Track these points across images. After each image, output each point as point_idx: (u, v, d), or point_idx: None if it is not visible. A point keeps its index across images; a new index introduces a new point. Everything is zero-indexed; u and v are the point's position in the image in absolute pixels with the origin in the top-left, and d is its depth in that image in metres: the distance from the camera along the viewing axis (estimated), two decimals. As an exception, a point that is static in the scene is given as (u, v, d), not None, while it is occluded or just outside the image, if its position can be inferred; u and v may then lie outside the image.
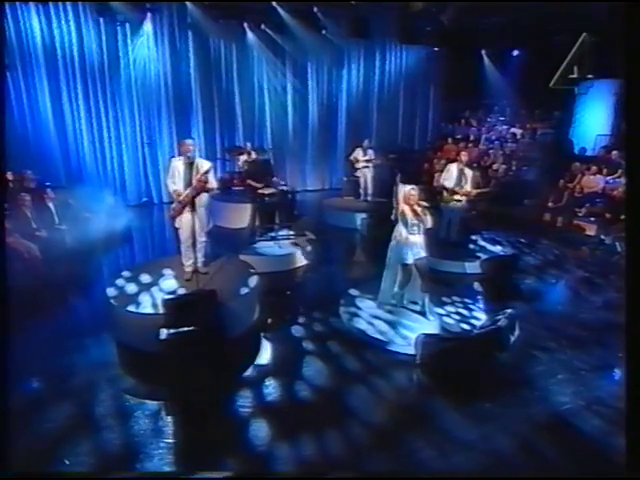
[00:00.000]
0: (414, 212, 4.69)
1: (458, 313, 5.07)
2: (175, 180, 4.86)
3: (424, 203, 4.83)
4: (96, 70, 9.41)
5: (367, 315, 4.99)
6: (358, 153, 9.55)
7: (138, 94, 10.01)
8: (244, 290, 4.86)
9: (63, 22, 8.87)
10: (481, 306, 5.36)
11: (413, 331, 4.56)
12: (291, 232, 7.29)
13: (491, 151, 11.08)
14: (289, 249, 6.83)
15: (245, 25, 10.41)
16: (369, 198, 9.52)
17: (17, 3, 8.31)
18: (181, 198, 4.81)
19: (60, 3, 8.73)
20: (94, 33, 9.17)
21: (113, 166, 10.19)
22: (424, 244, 4.82)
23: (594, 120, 10.44)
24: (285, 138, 11.93)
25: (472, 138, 11.84)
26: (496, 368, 4.10)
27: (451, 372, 3.94)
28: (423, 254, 4.83)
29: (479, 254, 6.84)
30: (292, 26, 10.75)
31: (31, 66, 8.77)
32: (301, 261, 6.79)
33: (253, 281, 5.06)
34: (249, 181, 6.69)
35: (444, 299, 5.38)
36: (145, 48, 9.69)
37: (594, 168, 9.00)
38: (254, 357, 4.34)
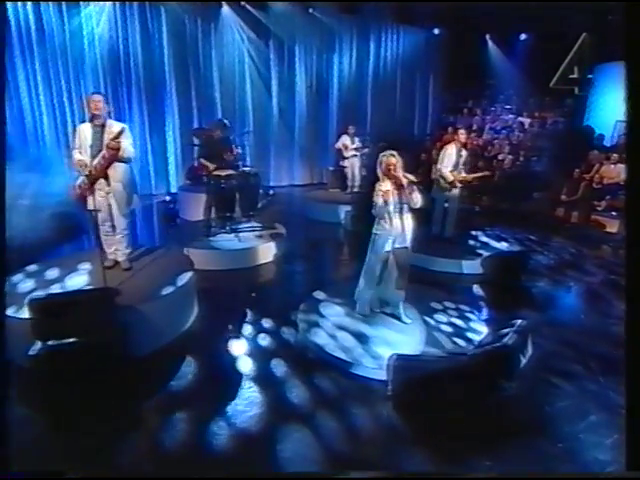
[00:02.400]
0: (398, 187, 3.52)
1: (451, 324, 3.88)
2: (82, 149, 3.77)
3: (410, 176, 3.70)
4: (57, 49, 8.30)
5: (330, 325, 3.80)
6: (345, 140, 8.45)
7: (105, 76, 8.93)
8: (167, 290, 3.72)
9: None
10: (482, 315, 4.18)
11: (391, 348, 3.39)
12: (257, 224, 6.14)
13: (496, 141, 9.91)
14: (251, 243, 5.67)
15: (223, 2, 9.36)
16: (356, 189, 8.39)
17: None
18: (87, 171, 3.70)
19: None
20: (54, 9, 8.08)
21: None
22: (411, 231, 3.66)
23: (612, 105, 9.25)
24: (269, 127, 10.83)
25: (475, 127, 10.67)
26: (501, 405, 2.91)
27: (435, 409, 2.76)
28: (407, 239, 3.68)
29: (480, 251, 5.65)
30: (276, 3, 9.73)
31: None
32: (265, 258, 5.63)
33: (183, 279, 3.92)
34: (202, 160, 5.55)
35: (434, 305, 4.20)
36: (112, 25, 8.62)
37: (615, 156, 7.79)
38: (166, 382, 3.16)
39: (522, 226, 7.20)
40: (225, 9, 9.50)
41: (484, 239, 6.28)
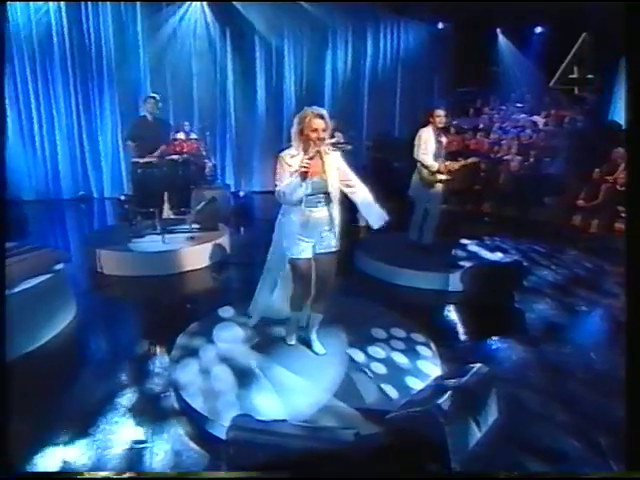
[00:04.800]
0: (317, 160, 2.38)
1: (388, 362, 2.64)
2: None
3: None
4: (23, 45, 7.60)
5: (212, 356, 2.63)
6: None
7: (75, 72, 8.19)
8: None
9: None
10: (442, 350, 2.92)
11: (277, 395, 2.21)
12: (195, 224, 5.06)
13: (504, 142, 8.62)
14: (175, 245, 4.60)
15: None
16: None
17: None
18: None
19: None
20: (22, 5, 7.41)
21: (44, 155, 8.32)
22: (335, 223, 2.50)
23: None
24: (252, 130, 9.92)
25: (481, 127, 9.41)
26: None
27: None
28: (333, 241, 2.51)
29: (464, 263, 4.39)
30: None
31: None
32: (192, 263, 4.53)
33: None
34: (128, 142, 4.55)
35: (374, 332, 2.97)
36: (81, 18, 7.91)
37: (645, 154, 6.39)
38: None
39: (528, 235, 5.89)
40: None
41: (473, 248, 5.02)
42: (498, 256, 4.72)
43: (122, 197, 7.99)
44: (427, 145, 4.40)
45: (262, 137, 10.01)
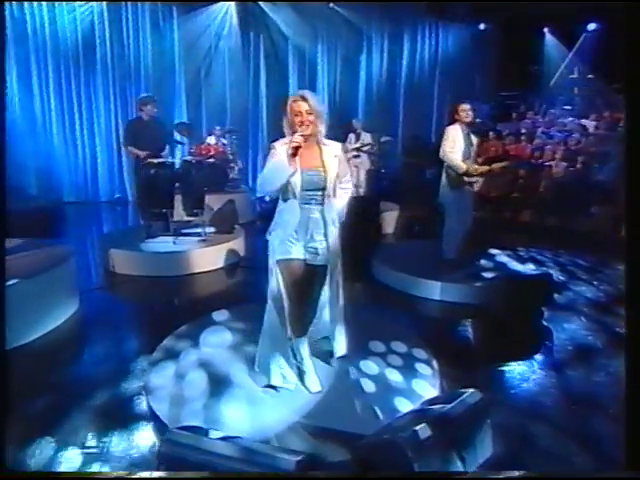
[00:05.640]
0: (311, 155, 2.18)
1: (379, 379, 2.35)
2: None
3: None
4: (69, 54, 7.97)
5: (192, 360, 2.48)
6: (351, 139, 7.19)
7: (114, 78, 8.53)
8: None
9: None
10: (445, 369, 2.58)
11: (246, 405, 2.01)
12: (209, 226, 5.00)
13: (548, 147, 7.99)
14: (185, 247, 4.54)
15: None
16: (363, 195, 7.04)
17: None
18: None
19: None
20: (67, 15, 7.77)
21: (85, 159, 8.71)
22: (329, 226, 2.22)
23: None
24: (283, 135, 9.84)
25: (524, 131, 8.80)
26: None
27: None
28: (324, 252, 2.20)
29: (490, 274, 4.00)
30: None
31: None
32: (201, 265, 4.45)
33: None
34: (130, 148, 4.57)
35: (372, 345, 2.69)
36: (123, 28, 8.26)
37: None
38: None
39: (570, 247, 5.35)
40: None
41: (504, 259, 4.59)
42: (530, 268, 4.27)
43: (117, 196, 8.30)
44: (454, 143, 4.05)
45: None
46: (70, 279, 3.46)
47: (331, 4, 9.28)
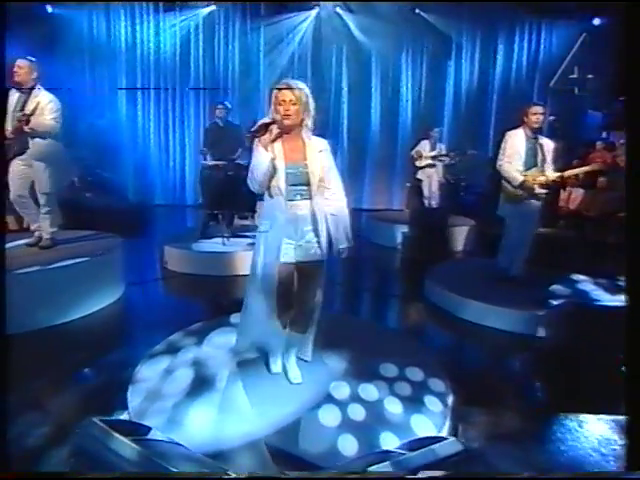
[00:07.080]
0: (285, 148, 2.04)
1: (372, 407, 2.02)
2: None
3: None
4: (167, 66, 8.81)
5: (186, 360, 2.41)
6: (424, 146, 6.79)
7: (205, 88, 9.27)
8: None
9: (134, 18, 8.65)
10: (466, 408, 2.15)
11: (236, 419, 1.87)
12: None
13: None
14: (233, 248, 4.61)
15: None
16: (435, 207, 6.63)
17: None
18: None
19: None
20: (166, 29, 8.60)
21: (175, 165, 9.56)
22: (319, 222, 2.07)
23: None
24: (363, 147, 9.74)
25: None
26: None
27: None
28: (317, 247, 2.08)
29: (557, 300, 3.35)
30: (374, 5, 8.76)
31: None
32: (245, 268, 4.46)
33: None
34: (203, 149, 4.79)
35: (382, 368, 2.36)
36: (214, 38, 8.94)
37: None
38: None
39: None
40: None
41: (579, 284, 3.84)
42: (606, 297, 3.48)
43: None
44: (513, 151, 3.58)
45: (374, 155, 9.76)
46: (115, 269, 3.70)
47: (417, 10, 8.96)
